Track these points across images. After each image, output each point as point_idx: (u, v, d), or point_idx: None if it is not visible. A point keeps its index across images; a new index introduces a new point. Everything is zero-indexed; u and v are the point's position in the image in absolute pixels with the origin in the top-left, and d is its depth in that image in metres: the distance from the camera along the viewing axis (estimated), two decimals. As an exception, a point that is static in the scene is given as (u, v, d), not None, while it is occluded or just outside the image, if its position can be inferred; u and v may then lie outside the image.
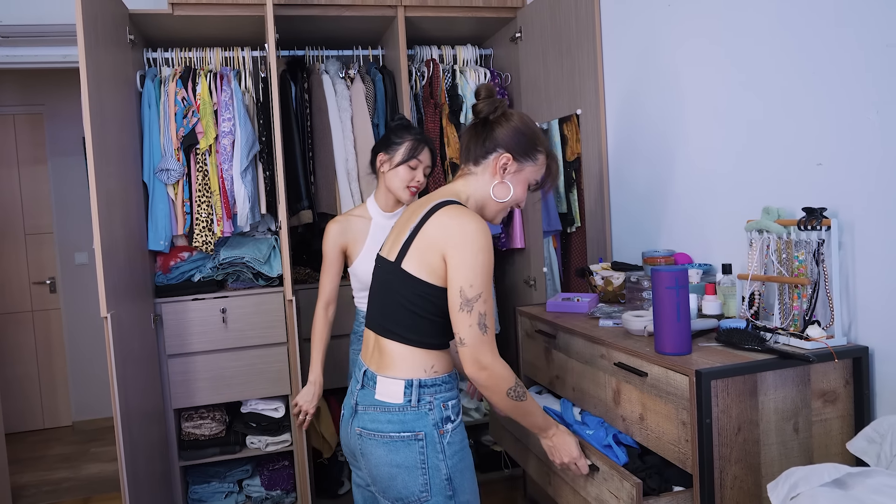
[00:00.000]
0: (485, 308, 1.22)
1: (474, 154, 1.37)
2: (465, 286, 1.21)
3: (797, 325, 1.42)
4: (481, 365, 1.23)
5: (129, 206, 2.29)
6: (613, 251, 2.28)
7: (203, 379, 2.55)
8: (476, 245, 1.22)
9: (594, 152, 2.28)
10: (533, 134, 1.38)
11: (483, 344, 1.23)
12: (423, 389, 1.27)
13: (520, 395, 1.29)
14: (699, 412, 1.22)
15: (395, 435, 1.27)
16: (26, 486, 3.25)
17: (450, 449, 1.28)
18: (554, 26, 2.43)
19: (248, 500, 2.76)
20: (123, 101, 2.29)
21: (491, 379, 1.25)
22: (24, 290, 4.05)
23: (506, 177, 1.36)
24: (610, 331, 1.64)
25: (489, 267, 1.24)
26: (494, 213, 1.40)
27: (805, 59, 1.46)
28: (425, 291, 1.27)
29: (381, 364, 1.31)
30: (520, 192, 1.38)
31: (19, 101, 3.98)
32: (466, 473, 1.30)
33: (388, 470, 1.27)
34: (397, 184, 1.89)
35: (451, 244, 1.23)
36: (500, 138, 1.35)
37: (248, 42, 2.69)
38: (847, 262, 1.39)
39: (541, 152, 1.39)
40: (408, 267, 1.28)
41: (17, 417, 4.03)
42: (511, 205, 1.39)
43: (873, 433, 1.03)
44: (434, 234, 1.25)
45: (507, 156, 1.34)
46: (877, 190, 1.31)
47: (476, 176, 1.37)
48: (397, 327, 1.30)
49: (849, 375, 1.34)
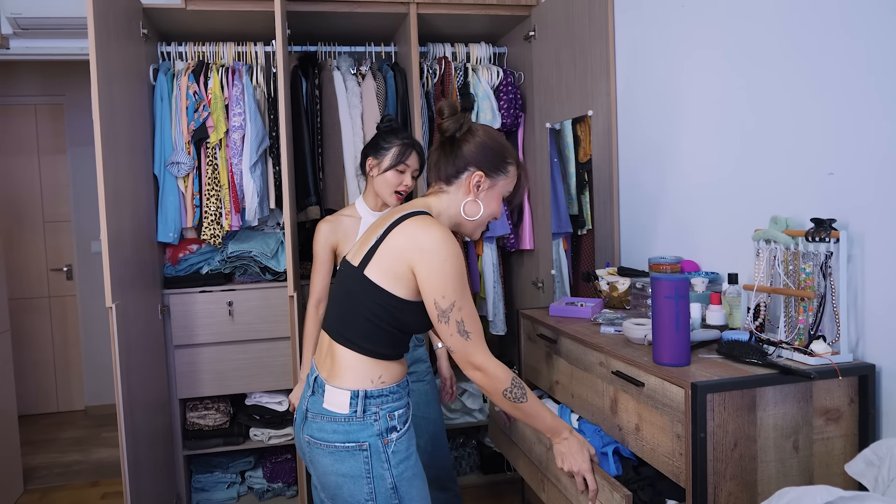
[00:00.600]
0: (461, 315, 1.23)
1: (445, 173, 1.36)
2: (437, 297, 1.22)
3: (802, 339, 1.38)
4: (475, 365, 1.25)
5: (139, 197, 2.31)
6: (621, 256, 2.25)
7: (208, 370, 2.57)
8: (442, 254, 1.22)
9: (604, 155, 2.25)
10: (500, 147, 1.36)
11: (470, 347, 1.24)
12: (368, 400, 1.27)
13: (517, 397, 1.28)
14: (694, 426, 1.20)
15: (339, 445, 1.26)
16: (38, 467, 3.32)
17: (395, 458, 1.27)
18: (568, 26, 2.40)
19: (250, 491, 2.78)
20: (135, 94, 2.30)
21: (485, 379, 1.26)
22: (42, 276, 4.13)
23: (479, 194, 1.35)
24: (610, 338, 1.61)
25: (459, 274, 1.23)
26: (472, 230, 1.39)
27: (818, 67, 1.41)
28: (385, 301, 1.26)
29: (332, 371, 1.31)
30: (494, 206, 1.37)
31: (40, 92, 4.04)
32: (414, 481, 1.29)
33: (334, 479, 1.27)
34: (385, 188, 1.91)
35: (418, 255, 1.23)
36: (469, 156, 1.34)
37: (261, 37, 2.69)
38: (856, 276, 1.34)
39: (511, 164, 1.37)
40: (370, 274, 1.27)
41: (32, 400, 4.12)
42: (487, 220, 1.38)
43: (872, 456, 0.99)
44: (400, 243, 1.25)
45: (480, 173, 1.34)
46: (889, 202, 1.27)
47: (448, 195, 1.37)
48: (353, 335, 1.29)
49: (854, 393, 1.30)
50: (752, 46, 1.60)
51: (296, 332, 2.18)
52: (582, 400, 1.64)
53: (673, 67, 1.91)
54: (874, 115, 1.29)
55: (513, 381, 1.28)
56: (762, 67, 1.57)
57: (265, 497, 2.74)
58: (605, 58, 2.19)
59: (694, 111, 1.83)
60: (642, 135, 2.08)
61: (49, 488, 3.06)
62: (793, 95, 1.48)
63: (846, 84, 1.35)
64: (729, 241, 1.71)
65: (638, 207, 2.13)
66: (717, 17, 1.72)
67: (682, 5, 1.85)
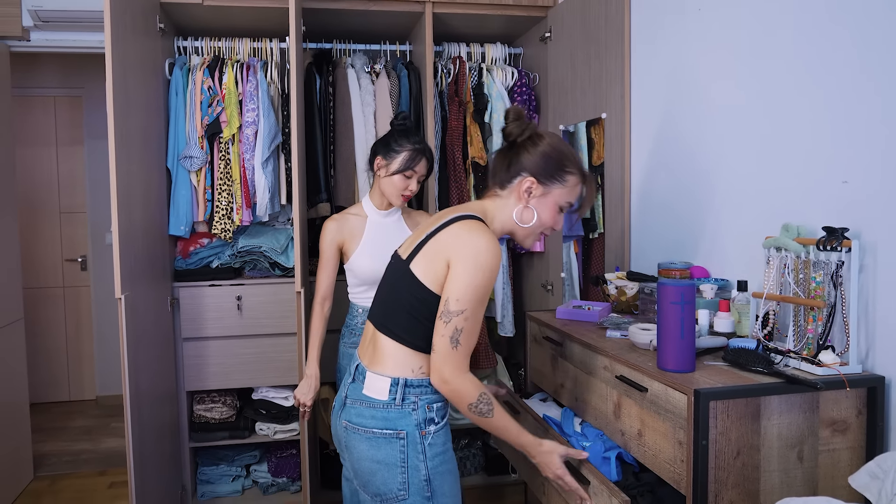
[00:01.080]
0: (463, 325, 1.23)
1: (500, 178, 1.37)
2: (452, 298, 1.22)
3: (810, 349, 1.36)
4: (443, 378, 1.24)
5: (151, 190, 2.33)
6: (631, 260, 2.23)
7: (216, 364, 2.59)
8: (479, 262, 1.22)
9: (617, 158, 2.23)
10: (561, 155, 1.34)
11: (449, 357, 1.23)
12: (408, 389, 1.29)
13: (483, 412, 1.27)
14: (696, 433, 1.18)
15: (377, 431, 1.28)
16: (48, 454, 3.36)
17: (431, 450, 1.28)
18: (584, 28, 2.39)
19: (255, 485, 2.80)
20: (150, 88, 2.33)
21: (452, 393, 1.26)
22: (57, 266, 4.18)
23: (531, 201, 1.34)
24: (616, 342, 1.60)
25: (485, 288, 1.23)
26: (523, 238, 1.38)
27: (831, 74, 1.39)
28: (425, 297, 1.28)
29: (373, 359, 1.33)
30: (547, 216, 1.35)
31: (60, 84, 4.10)
32: (448, 477, 1.31)
33: (368, 465, 1.29)
34: (391, 190, 1.92)
35: (456, 255, 1.24)
36: (524, 162, 1.34)
37: (276, 33, 2.71)
38: (868, 286, 1.32)
39: (571, 173, 1.35)
40: (415, 269, 1.29)
41: (44, 389, 4.18)
42: (540, 229, 1.37)
43: (877, 469, 0.97)
44: (445, 241, 1.26)
45: (531, 179, 1.33)
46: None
47: (502, 199, 1.37)
48: (394, 326, 1.31)
49: (862, 405, 1.27)
50: (768, 53, 1.58)
51: (302, 328, 2.19)
52: (586, 404, 1.63)
53: (688, 72, 1.89)
54: (890, 123, 1.27)
55: (480, 396, 1.27)
56: (778, 74, 1.55)
57: (269, 491, 2.75)
58: (620, 61, 2.18)
59: (708, 116, 1.81)
60: (656, 139, 2.06)
61: (58, 476, 3.10)
62: (808, 102, 1.46)
63: (862, 92, 1.33)
64: (740, 248, 1.69)
65: (649, 212, 2.11)
66: (733, 22, 1.70)
67: (699, 9, 1.84)
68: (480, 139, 2.75)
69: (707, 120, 1.81)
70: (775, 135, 1.56)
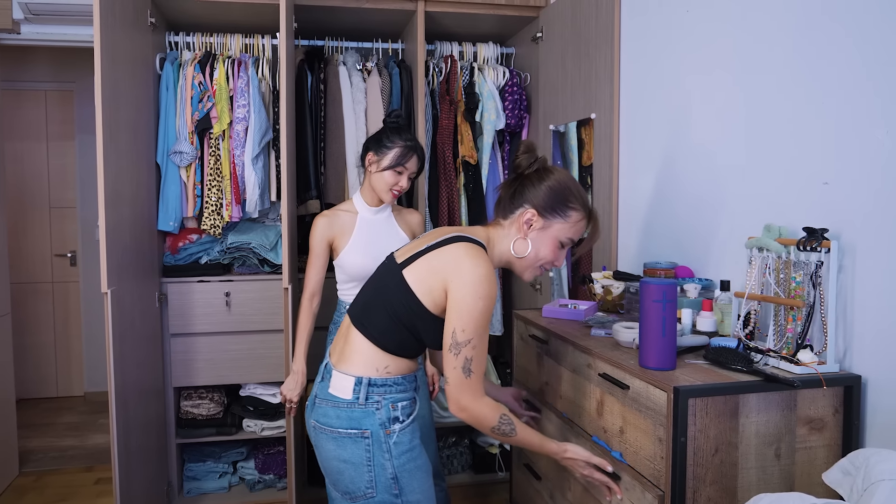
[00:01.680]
0: (472, 353, 1.24)
1: (504, 208, 1.38)
2: (458, 329, 1.23)
3: (790, 348, 1.37)
4: (461, 406, 1.26)
5: (140, 185, 2.33)
6: (619, 260, 2.24)
7: (204, 360, 2.58)
8: (479, 292, 1.23)
9: (605, 158, 2.25)
10: (566, 190, 1.35)
11: (464, 387, 1.25)
12: (371, 388, 1.29)
13: (506, 432, 1.31)
14: (675, 430, 1.19)
15: (342, 431, 1.29)
16: (34, 450, 3.35)
17: (396, 449, 1.29)
18: (574, 28, 2.40)
19: (242, 481, 2.80)
20: (140, 82, 2.32)
21: (472, 419, 1.28)
22: (46, 261, 4.16)
23: (530, 233, 1.35)
24: (600, 341, 1.61)
25: (486, 315, 1.25)
26: (521, 271, 1.39)
27: (814, 78, 1.41)
28: (412, 306, 1.29)
29: (342, 356, 1.34)
30: (546, 250, 1.35)
31: (51, 78, 4.08)
32: (417, 474, 1.31)
33: (336, 464, 1.30)
34: (381, 186, 1.93)
35: (456, 281, 1.24)
36: (528, 194, 1.35)
37: (269, 30, 2.71)
38: (846, 287, 1.34)
39: (574, 209, 1.35)
40: (408, 276, 1.30)
41: (32, 384, 4.16)
42: (538, 263, 1.37)
43: (849, 465, 0.99)
44: (445, 260, 1.27)
45: (532, 211, 1.34)
46: (882, 213, 1.26)
47: (504, 230, 1.38)
48: (371, 325, 1.32)
49: (839, 404, 1.29)
50: (753, 56, 1.59)
51: (289, 325, 2.19)
52: (569, 401, 1.64)
53: (675, 73, 1.91)
54: (871, 126, 1.28)
55: (500, 418, 1.29)
56: (763, 76, 1.56)
57: (256, 488, 2.75)
58: (609, 61, 2.19)
59: (694, 118, 1.82)
60: (643, 139, 2.07)
61: (44, 472, 3.09)
62: (792, 104, 1.48)
63: (844, 94, 1.34)
64: (725, 248, 1.70)
65: (637, 212, 2.12)
66: (719, 24, 1.71)
67: (687, 10, 1.85)
68: (471, 138, 2.76)
69: (693, 122, 1.83)
70: (759, 137, 1.58)
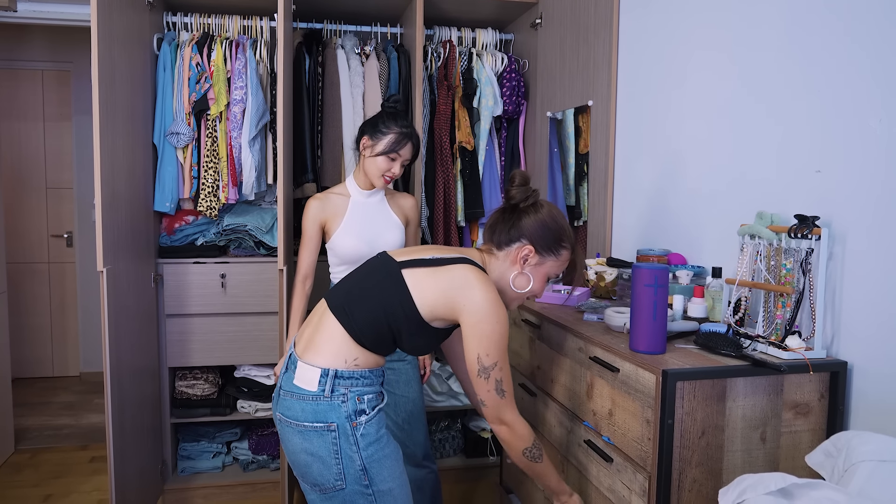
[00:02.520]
0: (501, 375, 1.29)
1: (498, 239, 1.39)
2: (482, 355, 1.27)
3: (778, 334, 1.39)
4: (502, 421, 1.32)
5: (137, 166, 2.32)
6: (613, 247, 2.26)
7: (198, 341, 2.59)
8: (495, 318, 1.27)
9: (602, 146, 2.25)
10: (560, 229, 1.38)
11: (503, 405, 1.31)
12: (338, 381, 1.28)
13: (535, 457, 1.36)
14: (662, 412, 1.21)
15: (308, 424, 1.28)
16: (30, 428, 3.37)
17: (363, 440, 1.28)
18: (573, 14, 2.39)
19: (235, 462, 2.82)
20: (137, 62, 2.31)
21: (510, 434, 1.33)
22: (43, 242, 4.16)
23: (525, 268, 1.38)
24: (592, 325, 1.62)
25: (505, 337, 1.30)
26: (510, 300, 1.42)
27: (809, 65, 1.41)
28: (406, 307, 1.29)
29: (309, 345, 1.33)
30: (538, 285, 1.40)
31: (48, 58, 4.05)
32: (386, 462, 1.31)
33: (303, 457, 1.30)
34: (374, 171, 1.93)
35: (470, 307, 1.27)
36: (525, 229, 1.37)
37: (267, 11, 2.69)
38: (835, 274, 1.35)
39: (565, 248, 1.39)
40: (409, 278, 1.30)
41: (28, 364, 4.17)
42: (528, 295, 1.42)
43: (831, 447, 1.01)
44: (455, 282, 1.29)
45: (530, 248, 1.36)
46: (873, 201, 1.27)
47: (497, 260, 1.40)
48: (354, 315, 1.31)
49: (824, 389, 1.31)
50: (749, 45, 1.59)
51: (284, 307, 2.20)
52: (560, 385, 1.66)
53: (673, 61, 1.91)
54: (864, 114, 1.29)
55: (534, 442, 1.35)
56: (758, 65, 1.57)
57: (249, 468, 2.77)
58: (608, 48, 2.19)
59: (690, 105, 1.83)
60: (639, 127, 2.08)
61: (39, 449, 3.11)
62: (787, 92, 1.48)
63: (838, 82, 1.35)
64: (718, 235, 1.72)
65: (631, 199, 2.13)
66: (717, 13, 1.71)
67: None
68: (468, 124, 2.76)
69: (688, 109, 1.83)
70: (754, 125, 1.58)
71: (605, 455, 1.41)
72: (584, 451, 1.53)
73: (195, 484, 2.65)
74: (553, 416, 1.70)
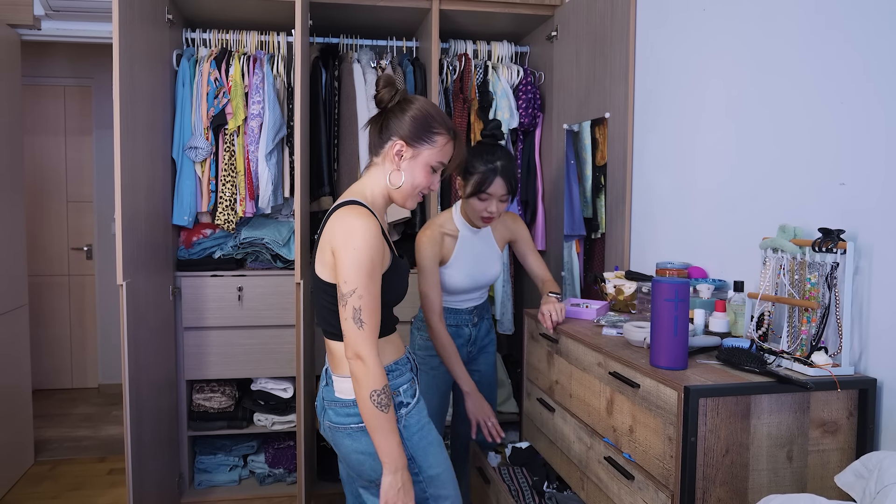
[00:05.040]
0: (360, 303, 1.25)
1: (374, 145, 1.41)
2: (341, 282, 1.27)
3: (804, 349, 1.36)
4: (358, 354, 1.26)
5: (156, 179, 2.35)
6: (631, 260, 2.23)
7: (216, 353, 2.60)
8: (353, 243, 1.26)
9: (619, 158, 2.24)
10: (428, 117, 1.38)
11: (360, 337, 1.25)
12: None
13: (382, 405, 1.26)
14: (685, 429, 1.19)
15: (354, 426, 1.33)
16: (49, 440, 3.39)
17: (407, 431, 1.34)
18: (590, 26, 2.39)
19: (252, 475, 2.82)
20: (157, 78, 2.35)
21: (362, 371, 1.25)
22: (63, 255, 4.22)
23: (402, 163, 1.37)
24: (611, 340, 1.60)
25: (367, 263, 1.26)
26: (402, 200, 1.41)
27: (831, 77, 1.39)
28: (333, 291, 1.33)
29: (333, 363, 1.40)
30: (420, 177, 1.39)
31: (70, 74, 4.13)
32: (430, 449, 1.36)
33: (356, 457, 1.34)
34: (471, 212, 1.91)
35: (335, 243, 1.29)
36: (393, 126, 1.37)
37: (284, 27, 2.72)
38: (862, 288, 1.32)
39: (439, 133, 1.39)
40: (317, 269, 1.36)
41: (47, 376, 4.21)
42: (416, 191, 1.40)
43: (862, 468, 0.98)
44: (327, 234, 1.33)
45: (400, 142, 1.37)
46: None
47: (378, 167, 1.41)
48: (331, 327, 1.37)
49: (853, 407, 1.27)
50: (770, 55, 1.58)
51: (301, 320, 2.20)
52: (579, 400, 1.64)
53: (691, 73, 1.89)
54: (886, 126, 1.27)
55: (384, 387, 1.27)
56: (778, 76, 1.55)
57: (266, 482, 2.77)
58: (624, 60, 2.18)
59: (710, 117, 1.81)
60: (658, 139, 2.06)
61: (58, 461, 3.13)
62: (808, 104, 1.46)
63: (862, 95, 1.33)
64: (739, 248, 1.69)
65: (650, 212, 2.11)
66: (737, 23, 1.70)
67: (704, 9, 1.84)
68: (484, 136, 2.76)
69: (708, 120, 1.81)
70: (775, 137, 1.56)
71: (626, 472, 1.38)
72: (604, 468, 1.50)
73: (212, 497, 2.65)
74: (572, 431, 1.68)
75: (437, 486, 1.36)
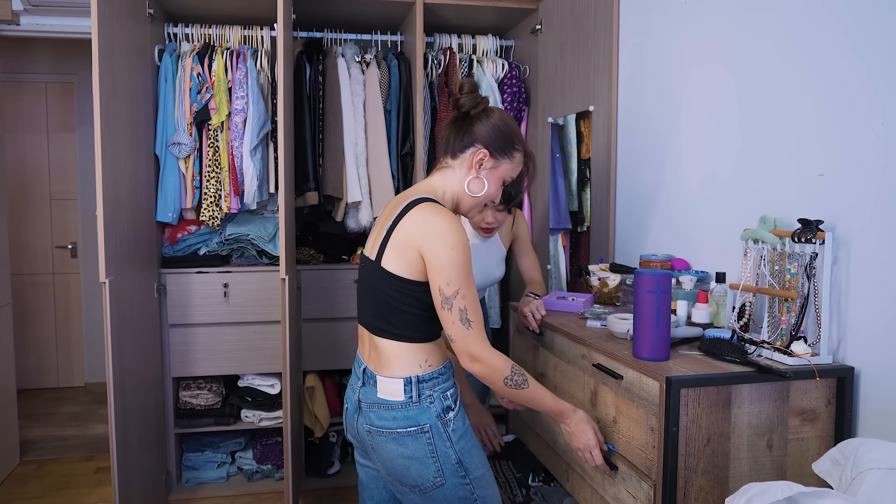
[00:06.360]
0: (464, 303, 1.25)
1: (453, 148, 1.40)
2: (442, 284, 1.24)
3: (784, 339, 1.37)
4: (473, 357, 1.26)
5: (139, 176, 2.33)
6: (616, 252, 2.24)
7: (202, 350, 2.59)
8: (449, 242, 1.24)
9: (603, 151, 2.25)
10: (511, 132, 1.40)
11: (470, 337, 1.25)
12: (422, 385, 1.31)
13: (519, 384, 1.30)
14: (667, 419, 1.20)
15: (402, 430, 1.30)
16: (35, 440, 3.37)
17: (455, 435, 1.32)
18: (574, 19, 2.39)
19: (240, 471, 2.81)
20: (138, 74, 2.32)
21: (485, 370, 1.27)
22: (47, 253, 4.17)
23: (481, 172, 1.38)
24: (595, 332, 1.61)
25: (465, 262, 1.26)
26: (469, 208, 1.42)
27: (810, 69, 1.41)
28: (407, 288, 1.30)
29: (379, 363, 1.34)
30: (493, 188, 1.40)
31: (51, 70, 4.08)
32: (474, 451, 1.35)
33: (401, 462, 1.31)
34: (471, 224, 1.92)
35: (426, 243, 1.26)
36: (478, 134, 1.37)
37: (267, 21, 2.71)
38: (840, 278, 1.34)
39: (518, 150, 1.41)
40: (387, 265, 1.30)
41: (33, 375, 4.18)
42: (484, 201, 1.42)
43: (839, 455, 0.99)
44: (409, 231, 1.28)
45: (484, 151, 1.37)
46: (877, 205, 1.26)
47: (453, 170, 1.40)
48: (388, 325, 1.33)
49: (831, 395, 1.29)
50: (751, 48, 1.59)
51: (286, 316, 2.19)
52: (564, 392, 1.65)
53: (674, 65, 1.90)
54: (866, 117, 1.28)
55: (512, 368, 1.29)
56: (759, 68, 1.56)
57: (254, 478, 2.76)
58: (608, 53, 2.19)
59: (692, 110, 1.82)
60: (641, 132, 2.07)
61: (45, 461, 3.11)
62: (788, 96, 1.47)
63: (840, 86, 1.34)
64: (721, 240, 1.70)
65: (634, 204, 2.12)
66: (717, 16, 1.71)
67: (685, 2, 1.85)
68: (470, 131, 2.76)
69: (690, 113, 1.82)
70: (757, 129, 1.57)
71: (610, 463, 1.39)
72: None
73: (200, 494, 2.64)
74: (556, 423, 1.69)
75: (482, 486, 1.35)
